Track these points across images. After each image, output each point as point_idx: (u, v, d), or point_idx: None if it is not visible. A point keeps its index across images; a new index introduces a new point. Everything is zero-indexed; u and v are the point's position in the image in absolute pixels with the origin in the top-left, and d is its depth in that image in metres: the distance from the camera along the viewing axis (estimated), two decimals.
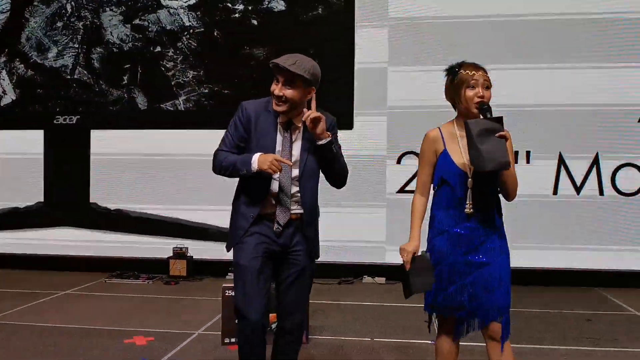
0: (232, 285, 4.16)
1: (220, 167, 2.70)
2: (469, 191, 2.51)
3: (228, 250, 2.81)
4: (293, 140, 2.70)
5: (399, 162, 6.41)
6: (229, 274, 6.41)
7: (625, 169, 6.16)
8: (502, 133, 2.41)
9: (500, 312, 2.52)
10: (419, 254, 2.58)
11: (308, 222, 2.75)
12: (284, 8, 6.64)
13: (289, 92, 2.60)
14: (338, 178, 2.77)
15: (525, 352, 3.81)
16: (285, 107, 2.63)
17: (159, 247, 6.70)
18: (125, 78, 6.87)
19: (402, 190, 6.37)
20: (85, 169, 6.88)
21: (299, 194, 2.71)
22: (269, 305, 2.70)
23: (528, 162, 6.12)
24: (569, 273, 6.14)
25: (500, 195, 2.61)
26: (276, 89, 2.62)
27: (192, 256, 6.61)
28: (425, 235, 2.66)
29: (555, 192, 6.26)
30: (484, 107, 2.48)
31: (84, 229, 6.91)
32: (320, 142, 2.62)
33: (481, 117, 2.48)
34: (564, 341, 4.18)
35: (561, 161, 6.25)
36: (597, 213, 6.18)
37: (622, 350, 3.97)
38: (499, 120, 2.44)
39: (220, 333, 4.11)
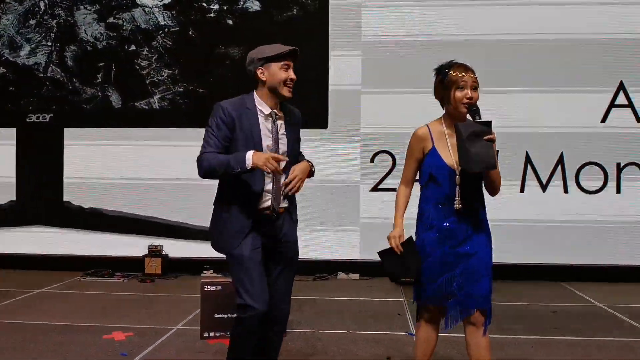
0: (211, 280, 4.29)
1: (209, 167, 2.64)
2: (457, 188, 2.64)
3: (224, 252, 2.76)
4: (278, 131, 2.77)
5: (372, 160, 6.56)
6: (204, 271, 6.45)
7: (589, 167, 6.43)
8: (490, 136, 2.53)
9: (486, 300, 2.67)
10: (405, 239, 2.71)
11: (294, 211, 2.86)
12: (259, 8, 6.72)
13: (295, 77, 2.75)
14: None
15: (495, 342, 3.95)
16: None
17: (133, 245, 6.71)
18: (99, 76, 6.85)
19: (375, 188, 6.52)
20: (59, 168, 6.84)
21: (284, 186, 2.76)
22: None
23: None
24: (534, 268, 6.36)
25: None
26: (290, 74, 2.72)
27: (168, 254, 6.64)
28: (413, 229, 2.78)
29: (522, 190, 6.49)
30: (473, 109, 2.59)
31: (57, 228, 6.86)
32: None
33: (470, 118, 2.60)
34: (532, 332, 4.37)
35: (527, 160, 6.48)
36: (562, 210, 6.42)
37: (585, 339, 4.18)
38: (488, 123, 2.55)
39: (199, 328, 4.18)
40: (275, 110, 2.77)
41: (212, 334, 4.10)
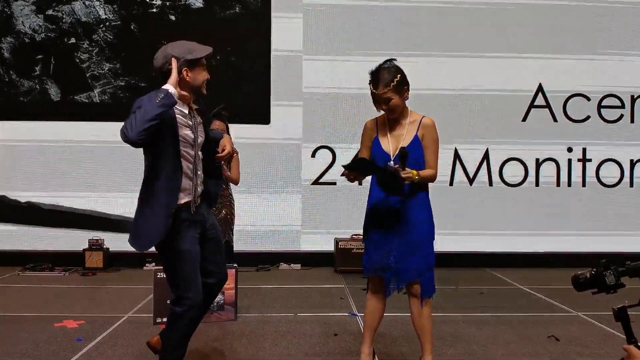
0: (161, 268, 4.40)
1: (136, 119, 2.55)
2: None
3: (147, 249, 2.77)
4: (197, 123, 2.90)
5: (313, 155, 6.83)
6: (146, 264, 6.51)
7: (511, 163, 6.99)
8: (404, 177, 2.81)
9: (420, 273, 2.99)
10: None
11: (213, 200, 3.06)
12: (201, 5, 6.85)
13: (209, 76, 2.88)
14: None
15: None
16: None
17: (71, 239, 6.66)
18: (37, 69, 6.76)
19: (316, 182, 6.80)
20: None
21: (202, 175, 2.92)
22: None
23: None
24: (463, 255, 6.84)
25: None
26: (207, 74, 2.84)
27: (109, 248, 6.64)
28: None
29: (451, 184, 6.96)
30: (404, 154, 2.87)
31: None
32: None
33: (391, 163, 2.91)
34: (462, 310, 4.79)
35: (456, 155, 6.96)
36: (486, 201, 6.95)
37: (509, 315, 4.64)
38: (396, 177, 2.84)
39: (149, 315, 4.30)
40: (190, 105, 2.86)
41: (164, 319, 4.22)
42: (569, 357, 3.64)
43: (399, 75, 2.95)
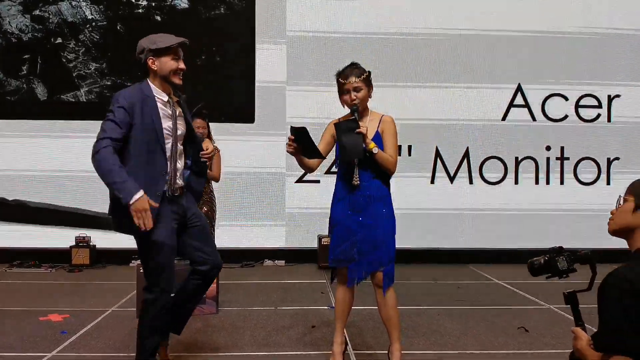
0: None
1: (99, 168, 2.69)
2: (355, 167, 3.12)
3: (132, 233, 2.83)
4: (177, 115, 2.99)
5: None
6: (132, 261, 6.61)
7: (491, 161, 7.15)
8: (357, 130, 3.03)
9: (381, 265, 3.13)
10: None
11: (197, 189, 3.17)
12: (187, 6, 6.95)
13: (184, 67, 2.95)
14: None
15: (404, 312, 4.44)
16: None
17: (58, 237, 6.74)
18: (24, 68, 6.84)
19: (300, 180, 6.92)
20: None
21: (181, 167, 3.02)
22: None
23: (410, 154, 6.92)
24: (444, 252, 6.99)
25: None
26: (180, 64, 2.91)
27: (95, 245, 6.74)
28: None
29: (432, 182, 7.10)
30: (354, 108, 3.13)
31: None
32: None
33: (353, 115, 3.13)
34: (438, 303, 4.93)
35: (437, 154, 7.10)
36: (466, 199, 7.09)
37: (483, 308, 4.79)
38: (354, 120, 3.09)
39: (133, 309, 4.41)
40: (171, 96, 2.96)
41: None
42: (536, 347, 3.79)
43: (368, 72, 3.15)
